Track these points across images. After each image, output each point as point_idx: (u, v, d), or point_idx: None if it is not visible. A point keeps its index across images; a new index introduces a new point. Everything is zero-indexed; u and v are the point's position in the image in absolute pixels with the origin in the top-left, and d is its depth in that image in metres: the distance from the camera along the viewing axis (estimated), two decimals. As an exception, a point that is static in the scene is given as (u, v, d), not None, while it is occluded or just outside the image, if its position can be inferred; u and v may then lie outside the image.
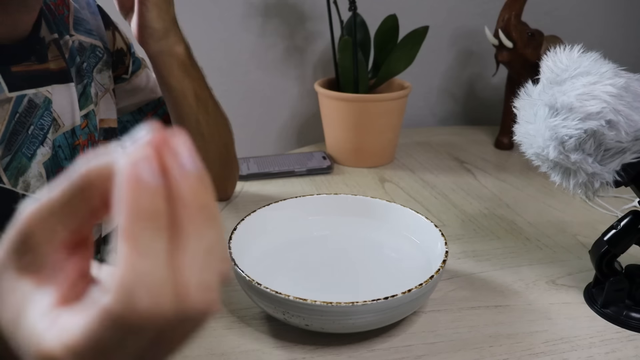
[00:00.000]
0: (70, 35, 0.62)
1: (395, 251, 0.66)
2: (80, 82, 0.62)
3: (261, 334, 0.56)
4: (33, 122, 0.54)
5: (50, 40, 0.59)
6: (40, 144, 0.55)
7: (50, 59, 0.58)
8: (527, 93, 0.57)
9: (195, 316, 0.22)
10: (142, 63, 0.76)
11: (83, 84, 0.62)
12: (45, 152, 0.56)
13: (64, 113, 0.59)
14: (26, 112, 0.54)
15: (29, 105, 0.54)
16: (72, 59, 0.61)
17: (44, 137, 0.56)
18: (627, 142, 0.51)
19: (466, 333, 0.55)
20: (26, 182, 0.53)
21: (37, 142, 0.55)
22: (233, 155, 0.79)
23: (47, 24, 0.59)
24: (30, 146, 0.54)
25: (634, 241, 0.58)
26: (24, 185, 0.53)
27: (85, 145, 0.62)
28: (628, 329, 0.57)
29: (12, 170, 0.52)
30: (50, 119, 0.56)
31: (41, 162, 0.55)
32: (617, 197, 0.87)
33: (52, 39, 0.59)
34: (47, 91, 0.56)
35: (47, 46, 0.58)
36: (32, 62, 0.55)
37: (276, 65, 1.19)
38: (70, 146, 0.60)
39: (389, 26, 1.02)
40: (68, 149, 0.59)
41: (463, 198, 0.88)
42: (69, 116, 0.59)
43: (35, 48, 0.56)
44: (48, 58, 0.57)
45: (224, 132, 0.75)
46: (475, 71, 1.30)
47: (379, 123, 0.98)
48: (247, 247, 0.62)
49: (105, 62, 0.67)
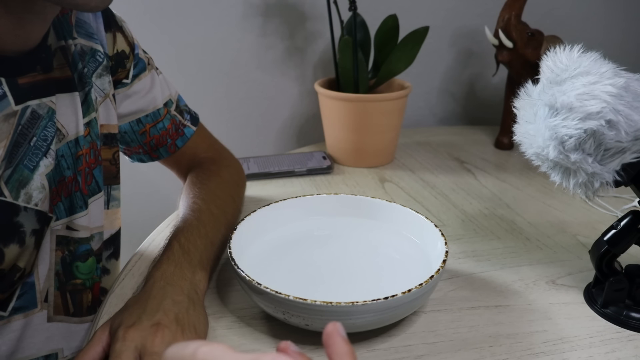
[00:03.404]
0: (73, 39, 0.60)
1: (395, 251, 0.66)
2: (82, 89, 0.60)
3: (261, 334, 0.56)
4: (36, 133, 0.53)
5: (57, 47, 0.57)
6: (43, 155, 0.54)
7: (56, 67, 0.56)
8: (527, 93, 0.57)
9: None
10: (148, 65, 0.73)
11: (85, 91, 0.61)
12: (48, 163, 0.54)
13: (68, 122, 0.57)
14: (28, 123, 0.52)
15: (32, 116, 0.53)
16: (75, 66, 0.59)
17: (47, 148, 0.54)
18: (627, 142, 0.51)
19: (466, 333, 0.55)
20: (28, 194, 0.52)
21: (40, 154, 0.53)
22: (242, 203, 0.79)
23: (54, 30, 0.57)
24: (32, 158, 0.53)
25: (634, 241, 0.57)
26: (25, 197, 0.52)
27: (88, 153, 0.61)
28: (628, 329, 0.57)
29: (14, 182, 0.51)
30: (53, 129, 0.55)
31: (43, 173, 0.54)
32: (617, 197, 0.88)
33: (59, 46, 0.57)
34: (50, 101, 0.55)
35: (53, 54, 0.56)
36: (38, 72, 0.54)
37: (276, 65, 1.19)
38: (74, 156, 0.58)
39: (389, 26, 1.02)
40: (71, 158, 0.58)
41: (463, 198, 0.88)
42: (73, 125, 0.58)
43: (41, 57, 0.54)
44: (54, 66, 0.56)
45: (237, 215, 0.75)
46: (475, 71, 1.31)
47: (379, 123, 0.98)
48: (247, 247, 0.62)
49: (105, 67, 0.65)
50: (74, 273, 0.61)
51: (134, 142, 0.74)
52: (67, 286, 0.60)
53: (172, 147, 0.77)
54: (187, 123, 0.77)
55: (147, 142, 0.74)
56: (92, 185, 0.62)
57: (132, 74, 0.70)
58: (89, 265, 0.62)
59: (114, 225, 0.69)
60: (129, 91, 0.70)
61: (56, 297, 0.59)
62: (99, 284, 0.65)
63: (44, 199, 0.54)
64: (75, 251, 0.60)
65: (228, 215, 0.70)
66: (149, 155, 0.77)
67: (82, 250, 0.61)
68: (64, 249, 0.59)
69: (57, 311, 0.59)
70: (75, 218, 0.60)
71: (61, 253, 0.59)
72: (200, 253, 0.60)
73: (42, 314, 0.57)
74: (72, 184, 0.59)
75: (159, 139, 0.75)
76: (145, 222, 0.83)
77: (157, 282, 0.54)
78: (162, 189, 1.15)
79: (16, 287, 0.54)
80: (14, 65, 0.51)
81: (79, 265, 0.61)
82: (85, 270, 0.62)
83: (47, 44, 0.55)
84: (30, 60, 0.53)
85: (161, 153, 0.77)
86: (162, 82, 0.75)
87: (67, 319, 0.60)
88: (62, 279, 0.59)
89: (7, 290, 0.53)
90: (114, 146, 0.68)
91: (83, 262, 0.61)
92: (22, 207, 0.51)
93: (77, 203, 0.60)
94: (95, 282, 0.64)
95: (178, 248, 0.59)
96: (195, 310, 0.53)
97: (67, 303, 0.60)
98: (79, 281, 0.61)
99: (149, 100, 0.73)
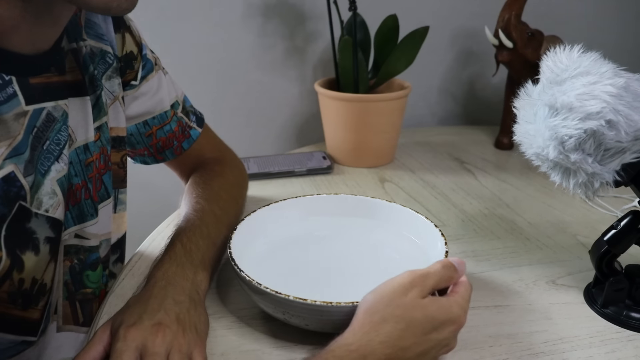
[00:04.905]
0: (83, 41, 0.59)
1: (395, 251, 0.66)
2: (93, 93, 0.59)
3: (261, 334, 0.56)
4: (49, 136, 0.51)
5: (69, 50, 0.56)
6: (55, 159, 0.52)
7: (68, 70, 0.55)
8: (527, 93, 0.57)
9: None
10: (155, 65, 0.72)
11: (96, 94, 0.59)
12: (60, 168, 0.53)
13: (77, 128, 0.56)
14: (44, 126, 0.51)
15: (47, 119, 0.51)
16: (86, 68, 0.58)
17: (60, 152, 0.53)
18: (627, 142, 0.51)
19: (466, 333, 0.55)
20: (38, 200, 0.50)
21: (52, 158, 0.52)
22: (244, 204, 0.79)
23: (65, 32, 0.55)
24: (44, 162, 0.51)
25: (634, 241, 0.57)
26: (36, 202, 0.49)
27: (97, 159, 0.59)
28: (628, 329, 0.57)
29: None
30: (66, 133, 0.54)
31: (54, 178, 0.52)
32: (617, 197, 0.88)
33: (71, 48, 0.56)
34: (64, 104, 0.53)
35: (65, 56, 0.55)
36: (52, 73, 0.52)
37: (276, 65, 1.19)
38: (82, 163, 0.57)
39: (389, 26, 1.02)
40: (79, 165, 0.57)
41: (463, 198, 0.88)
42: (82, 131, 0.57)
43: (56, 59, 0.53)
44: (66, 69, 0.55)
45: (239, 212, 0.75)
46: (475, 71, 1.31)
47: (379, 123, 0.98)
48: (247, 247, 0.62)
49: (114, 69, 0.63)
50: (84, 282, 0.60)
51: (139, 144, 0.73)
52: (77, 295, 0.59)
53: (179, 150, 0.76)
54: (193, 125, 0.77)
55: (153, 144, 0.74)
56: (102, 191, 0.61)
57: (140, 75, 0.69)
58: (98, 273, 0.61)
59: (121, 230, 0.68)
60: (137, 93, 0.69)
61: (65, 307, 0.58)
62: (104, 291, 0.64)
63: (56, 205, 0.52)
64: (86, 260, 0.59)
65: (230, 216, 0.70)
66: (154, 158, 0.76)
67: (92, 258, 0.60)
68: (72, 258, 0.58)
69: (66, 321, 0.58)
70: (86, 226, 0.59)
71: (69, 262, 0.58)
72: (202, 253, 0.60)
73: (52, 325, 0.57)
74: (81, 192, 0.58)
75: (166, 141, 0.74)
76: (146, 222, 0.83)
77: (159, 282, 0.54)
78: (163, 188, 1.15)
79: (40, 306, 0.52)
80: (27, 65, 0.50)
81: (90, 274, 0.60)
82: (95, 279, 0.61)
83: (61, 45, 0.54)
84: (44, 60, 0.52)
85: (167, 155, 0.76)
86: (168, 82, 0.74)
87: (76, 328, 0.59)
88: (71, 289, 0.58)
89: (31, 305, 0.51)
90: (122, 149, 0.67)
91: (93, 270, 0.61)
92: (33, 212, 0.49)
93: (87, 211, 0.58)
94: (101, 289, 0.63)
95: (180, 248, 0.59)
96: (196, 311, 0.53)
97: (77, 312, 0.59)
98: (89, 290, 0.60)
99: (156, 101, 0.72)
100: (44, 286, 0.52)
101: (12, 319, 0.49)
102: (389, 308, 0.47)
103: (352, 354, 0.45)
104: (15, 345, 0.51)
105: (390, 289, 0.48)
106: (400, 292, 0.48)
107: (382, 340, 0.45)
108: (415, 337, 0.46)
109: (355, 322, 0.47)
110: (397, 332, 0.46)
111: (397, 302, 0.47)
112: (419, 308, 0.47)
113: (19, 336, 0.51)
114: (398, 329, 0.46)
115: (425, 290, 0.49)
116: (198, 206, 0.67)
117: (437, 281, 0.50)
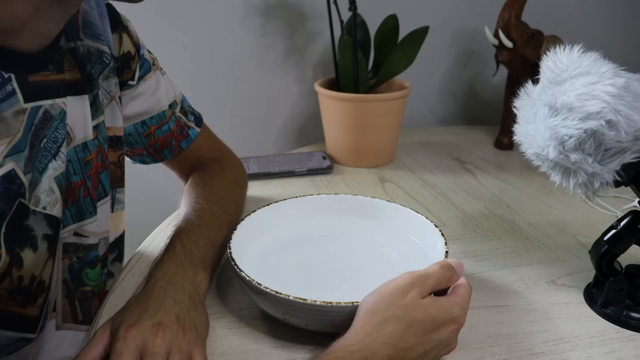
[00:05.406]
0: (80, 41, 0.59)
1: (395, 251, 0.66)
2: (90, 92, 0.59)
3: (261, 334, 0.56)
4: (47, 134, 0.52)
5: (67, 49, 0.56)
6: (52, 157, 0.52)
7: (66, 69, 0.55)
8: (527, 93, 0.57)
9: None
10: (152, 65, 0.72)
11: (93, 93, 0.60)
12: (57, 166, 0.53)
13: (76, 126, 0.56)
14: (41, 123, 0.51)
15: (44, 116, 0.51)
16: (83, 67, 0.58)
17: (57, 150, 0.53)
18: (627, 142, 0.51)
19: (466, 333, 0.55)
20: (36, 197, 0.50)
21: (49, 156, 0.52)
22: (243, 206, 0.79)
23: (64, 32, 0.55)
24: (42, 159, 0.51)
25: (634, 241, 0.58)
26: (34, 200, 0.49)
27: (95, 157, 0.60)
28: (628, 329, 0.57)
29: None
30: (64, 131, 0.54)
31: (52, 176, 0.52)
32: (617, 197, 0.88)
33: (69, 47, 0.57)
34: (62, 102, 0.54)
35: (63, 54, 0.55)
36: (50, 71, 0.52)
37: (276, 65, 1.19)
38: (81, 161, 0.57)
39: (389, 26, 1.02)
40: (78, 163, 0.57)
41: (463, 198, 0.88)
42: (81, 129, 0.57)
43: (54, 57, 0.53)
44: (65, 68, 0.55)
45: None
46: (475, 71, 1.31)
47: (379, 123, 0.98)
48: (247, 247, 0.62)
49: (111, 69, 0.63)
50: (83, 280, 0.60)
51: (138, 144, 0.74)
52: (76, 293, 0.59)
53: (177, 149, 0.76)
54: (192, 124, 0.77)
55: (151, 144, 0.74)
56: (99, 190, 0.61)
57: (138, 75, 0.69)
58: (97, 271, 0.62)
59: (119, 229, 0.69)
60: (135, 93, 0.69)
61: (64, 305, 0.58)
62: (103, 289, 0.64)
63: (54, 203, 0.52)
64: (85, 257, 0.60)
65: (230, 216, 0.70)
66: (152, 157, 0.77)
67: (91, 256, 0.60)
68: (71, 256, 0.58)
69: (65, 319, 0.59)
70: (85, 224, 0.59)
71: (69, 260, 0.58)
72: (202, 253, 0.60)
73: (51, 323, 0.57)
74: (80, 190, 0.58)
75: (164, 141, 0.75)
76: (145, 222, 0.83)
77: (159, 282, 0.54)
78: (162, 189, 1.15)
79: (39, 303, 0.52)
80: (26, 62, 0.50)
81: (89, 272, 0.60)
82: (94, 277, 0.61)
83: (60, 44, 0.54)
84: (43, 58, 0.52)
85: (165, 155, 0.76)
86: (166, 82, 0.74)
87: (75, 326, 0.60)
88: (70, 287, 0.58)
89: (29, 302, 0.51)
90: (119, 149, 0.67)
91: (92, 268, 0.61)
92: (31, 210, 0.50)
93: (86, 209, 0.59)
94: (100, 287, 0.63)
95: (180, 248, 0.59)
96: (196, 311, 0.53)
97: (76, 311, 0.60)
98: (88, 288, 0.61)
99: (154, 101, 0.72)
100: (42, 283, 0.52)
101: (11, 315, 0.50)
102: (390, 309, 0.47)
103: (354, 355, 0.45)
104: (14, 342, 0.51)
105: (390, 290, 0.48)
106: (401, 293, 0.48)
107: (384, 341, 0.45)
108: (416, 337, 0.46)
109: (356, 323, 0.47)
110: (399, 332, 0.46)
111: (398, 303, 0.47)
112: (419, 308, 0.47)
113: (18, 333, 0.51)
114: (399, 330, 0.46)
115: (425, 291, 0.49)
116: (198, 206, 0.67)
117: (436, 282, 0.50)
